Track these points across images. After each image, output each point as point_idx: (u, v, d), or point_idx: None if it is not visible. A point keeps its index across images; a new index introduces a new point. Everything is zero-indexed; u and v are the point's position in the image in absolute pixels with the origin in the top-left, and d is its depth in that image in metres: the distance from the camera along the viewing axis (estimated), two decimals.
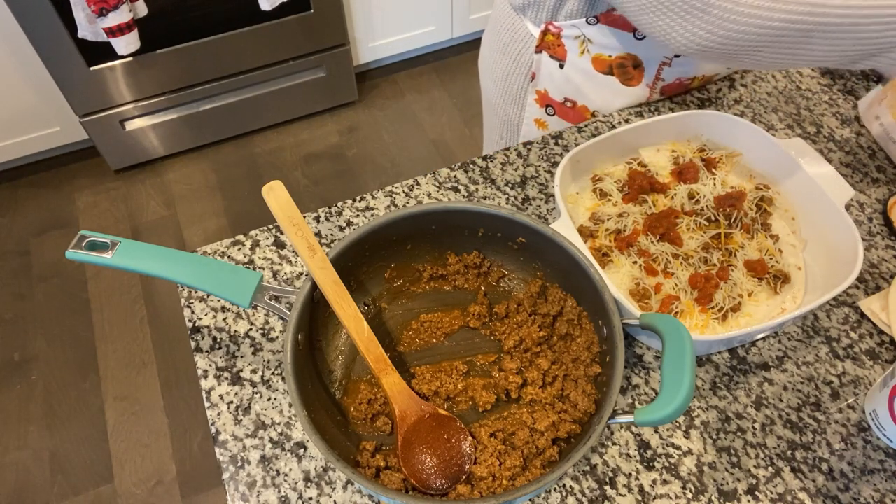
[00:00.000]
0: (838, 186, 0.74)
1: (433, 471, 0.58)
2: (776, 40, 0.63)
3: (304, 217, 0.75)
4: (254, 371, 0.69)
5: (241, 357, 0.70)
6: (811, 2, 0.60)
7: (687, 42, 0.67)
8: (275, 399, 0.67)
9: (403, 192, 0.83)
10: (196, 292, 0.74)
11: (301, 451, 0.64)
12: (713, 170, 0.80)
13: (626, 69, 0.87)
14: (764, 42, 0.64)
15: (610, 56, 0.85)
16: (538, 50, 0.89)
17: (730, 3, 0.63)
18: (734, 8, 0.63)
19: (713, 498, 0.62)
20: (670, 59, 0.85)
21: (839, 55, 0.64)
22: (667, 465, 0.63)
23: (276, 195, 0.61)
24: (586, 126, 0.89)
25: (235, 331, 0.71)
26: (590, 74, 0.88)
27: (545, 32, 0.87)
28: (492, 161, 0.86)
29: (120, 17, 1.58)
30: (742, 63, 0.68)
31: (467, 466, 0.59)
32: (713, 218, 0.76)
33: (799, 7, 0.61)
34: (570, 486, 0.62)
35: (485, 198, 0.82)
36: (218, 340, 0.71)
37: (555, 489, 0.62)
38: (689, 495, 0.62)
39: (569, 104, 0.93)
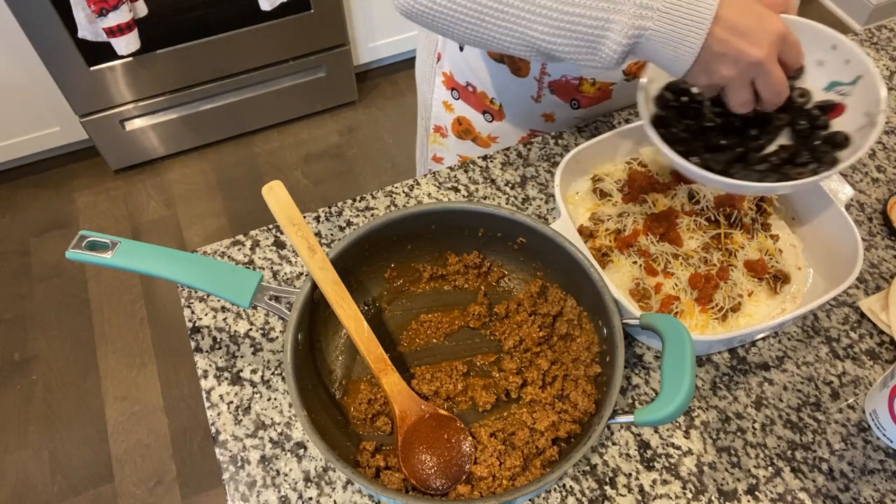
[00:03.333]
0: (838, 186, 0.74)
1: (433, 471, 0.58)
2: (454, 18, 0.59)
3: (304, 217, 0.75)
4: (254, 371, 0.69)
5: (241, 357, 0.70)
6: None
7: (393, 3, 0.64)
8: (275, 399, 0.67)
9: (403, 192, 0.83)
10: (196, 292, 0.74)
11: (301, 451, 0.64)
12: None
13: (514, 58, 0.84)
14: (442, 18, 0.60)
15: None
16: None
17: None
18: None
19: (713, 498, 0.62)
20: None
21: (531, 49, 0.59)
22: (667, 465, 0.63)
23: (276, 195, 0.61)
24: (586, 126, 0.89)
25: (235, 331, 0.71)
26: (485, 59, 0.87)
27: None
28: (492, 161, 0.86)
29: (120, 17, 1.58)
30: (446, 35, 0.64)
31: (467, 466, 0.59)
32: (713, 218, 0.76)
33: None
34: (570, 486, 0.62)
35: (485, 198, 0.82)
36: (218, 340, 0.71)
37: (555, 489, 0.62)
38: (689, 495, 0.62)
39: (470, 89, 0.92)
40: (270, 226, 0.80)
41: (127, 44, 1.64)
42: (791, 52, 0.54)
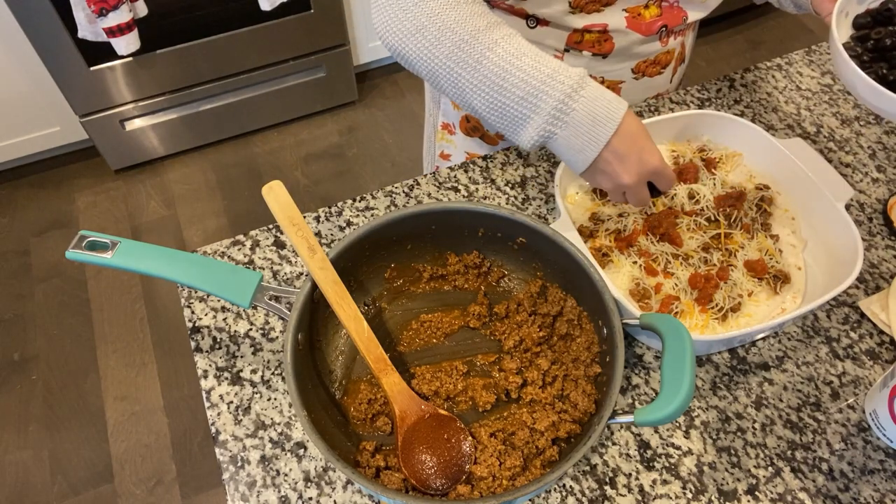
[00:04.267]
0: (838, 186, 0.74)
1: (433, 471, 0.58)
2: (425, 69, 0.67)
3: (304, 217, 0.75)
4: (254, 371, 0.69)
5: (241, 357, 0.70)
6: (434, 53, 0.65)
7: (375, 25, 0.69)
8: (275, 399, 0.67)
9: (403, 192, 0.83)
10: (196, 292, 0.74)
11: (301, 451, 0.64)
12: (713, 170, 0.80)
13: None
14: (417, 65, 0.67)
15: None
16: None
17: (392, 13, 0.66)
18: (390, 19, 0.67)
19: (713, 498, 0.62)
20: (562, 53, 0.84)
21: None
22: (667, 465, 0.63)
23: (276, 195, 0.61)
24: None
25: (235, 331, 0.71)
26: None
27: None
28: (492, 161, 0.86)
29: (120, 17, 1.58)
30: (419, 75, 0.71)
31: (467, 466, 0.59)
32: (713, 218, 0.76)
33: (424, 50, 0.65)
34: (570, 486, 0.62)
35: (485, 198, 0.82)
36: (218, 340, 0.71)
37: (555, 489, 0.62)
38: (689, 495, 0.62)
39: None
40: (270, 226, 0.80)
41: (127, 44, 1.64)
42: (662, 181, 0.66)
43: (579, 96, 0.61)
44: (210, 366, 0.69)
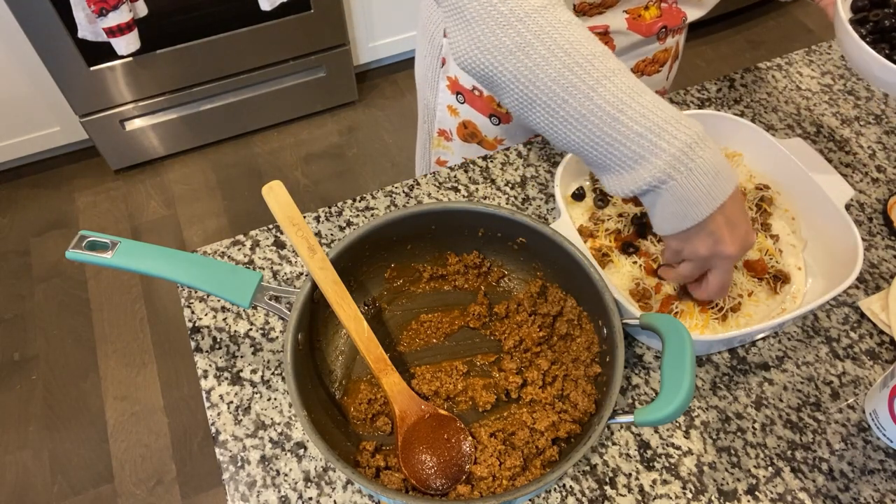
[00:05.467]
0: (838, 186, 0.74)
1: (433, 471, 0.58)
2: (508, 90, 0.59)
3: (304, 217, 0.75)
4: (254, 371, 0.69)
5: (241, 357, 0.70)
6: (538, 74, 0.57)
7: (453, 46, 0.62)
8: (275, 399, 0.67)
9: (403, 192, 0.83)
10: (196, 292, 0.74)
11: (301, 451, 0.64)
12: None
13: None
14: (499, 85, 0.60)
15: None
16: (447, 34, 0.87)
17: (481, 31, 0.58)
18: (479, 37, 0.58)
19: (713, 498, 0.62)
20: None
21: (566, 146, 0.60)
22: (667, 465, 0.63)
23: (276, 195, 0.61)
24: None
25: (235, 331, 0.71)
26: None
27: None
28: (492, 161, 0.86)
29: (120, 17, 1.58)
30: (495, 95, 0.63)
31: (467, 466, 0.59)
32: None
33: (526, 70, 0.57)
34: (570, 486, 0.62)
35: (485, 198, 0.82)
36: (218, 340, 0.71)
37: (555, 489, 0.62)
38: (689, 495, 0.62)
39: (477, 93, 0.91)
40: (270, 226, 0.80)
41: (127, 44, 1.64)
42: (727, 277, 0.62)
43: (706, 145, 0.55)
44: (210, 366, 0.69)
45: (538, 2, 0.56)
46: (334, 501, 0.61)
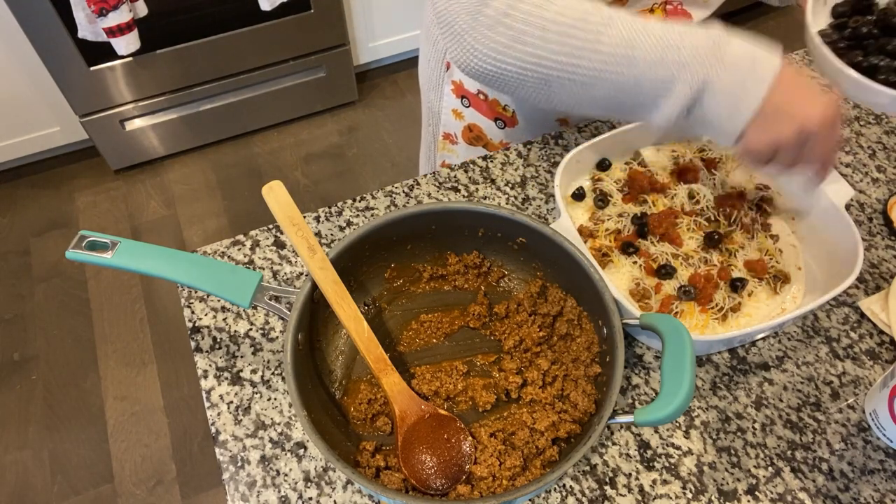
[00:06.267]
0: (838, 186, 0.74)
1: (433, 471, 0.58)
2: (520, 81, 0.60)
3: (304, 217, 0.75)
4: (254, 371, 0.69)
5: (241, 357, 0.70)
6: (540, 54, 0.57)
7: (454, 60, 0.64)
8: (275, 399, 0.67)
9: (403, 192, 0.83)
10: (196, 292, 0.74)
11: (301, 451, 0.64)
12: (713, 170, 0.80)
13: None
14: (509, 80, 0.61)
15: None
16: (447, 57, 0.86)
17: (473, 38, 0.60)
18: (473, 45, 0.60)
19: (713, 498, 0.62)
20: None
21: (596, 107, 0.60)
22: (667, 465, 0.63)
23: (276, 195, 0.61)
24: (586, 126, 0.89)
25: (235, 331, 0.71)
26: None
27: None
28: (492, 161, 0.86)
29: (120, 17, 1.58)
30: (510, 94, 0.64)
31: (467, 466, 0.59)
32: (713, 218, 0.76)
33: (528, 56, 0.58)
34: (570, 486, 0.62)
35: (485, 198, 0.82)
36: (218, 340, 0.71)
37: (555, 489, 0.62)
38: (689, 495, 0.62)
39: (482, 96, 0.91)
40: (270, 226, 0.80)
41: (127, 44, 1.64)
42: (834, 134, 0.55)
43: (730, 39, 0.53)
44: (210, 366, 0.69)
45: None
46: (334, 501, 0.61)
